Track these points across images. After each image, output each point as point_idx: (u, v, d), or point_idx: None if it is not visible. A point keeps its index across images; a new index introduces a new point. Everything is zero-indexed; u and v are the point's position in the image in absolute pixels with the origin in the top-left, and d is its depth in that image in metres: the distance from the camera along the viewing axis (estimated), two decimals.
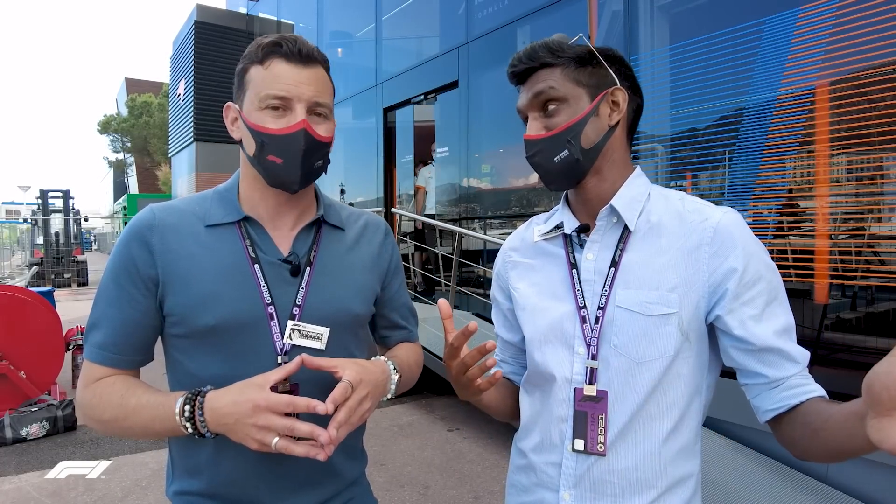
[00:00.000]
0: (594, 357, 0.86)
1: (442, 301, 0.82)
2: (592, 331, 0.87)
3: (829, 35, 2.64)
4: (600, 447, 0.85)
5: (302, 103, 0.89)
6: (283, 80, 0.88)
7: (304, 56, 0.90)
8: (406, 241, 6.60)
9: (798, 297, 2.80)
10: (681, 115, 3.33)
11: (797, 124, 2.78)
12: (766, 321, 0.81)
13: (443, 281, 5.85)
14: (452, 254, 5.12)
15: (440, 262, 6.06)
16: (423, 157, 6.77)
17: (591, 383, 0.86)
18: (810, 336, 2.75)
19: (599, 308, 0.87)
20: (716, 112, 3.16)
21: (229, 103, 0.96)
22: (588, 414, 0.86)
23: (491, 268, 1.11)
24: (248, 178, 0.97)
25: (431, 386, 4.89)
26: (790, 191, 2.86)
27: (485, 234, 5.27)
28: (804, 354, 0.82)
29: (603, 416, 0.85)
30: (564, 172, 0.88)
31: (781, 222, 2.88)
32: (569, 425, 0.88)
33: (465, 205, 5.63)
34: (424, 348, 4.28)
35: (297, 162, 0.89)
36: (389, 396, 0.97)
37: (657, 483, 0.84)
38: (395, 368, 0.98)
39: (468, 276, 5.65)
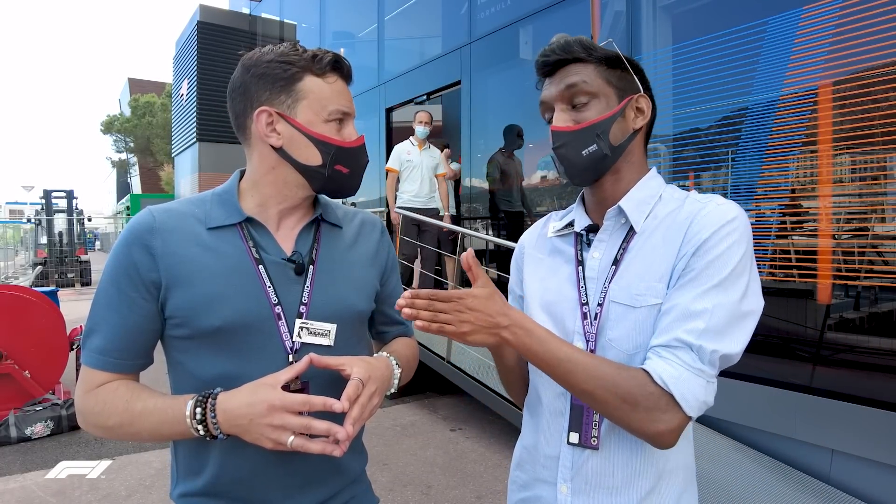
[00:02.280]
0: (592, 352, 0.88)
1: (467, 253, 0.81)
2: (592, 326, 0.89)
3: (832, 35, 2.64)
4: (594, 440, 0.87)
5: (352, 119, 0.97)
6: (345, 96, 0.96)
7: (351, 77, 0.98)
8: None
9: (801, 297, 2.79)
10: (684, 115, 3.33)
11: (800, 124, 2.77)
12: (675, 293, 0.81)
13: (446, 282, 5.85)
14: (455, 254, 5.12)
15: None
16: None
17: None
18: (813, 336, 2.75)
19: (598, 305, 0.89)
20: (719, 112, 3.16)
21: (265, 107, 0.92)
22: (584, 408, 0.88)
23: (492, 268, 1.12)
24: (275, 182, 0.96)
25: (434, 385, 4.89)
26: (793, 191, 2.85)
27: (487, 234, 5.27)
28: (666, 337, 0.79)
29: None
30: (590, 166, 0.89)
31: (784, 222, 2.88)
32: (566, 418, 0.90)
33: (468, 204, 5.64)
34: (427, 348, 4.30)
35: (360, 172, 1.00)
36: (393, 391, 0.98)
37: (651, 473, 0.86)
38: (396, 364, 1.00)
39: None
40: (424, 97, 6.38)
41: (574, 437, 0.88)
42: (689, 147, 3.33)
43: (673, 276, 0.83)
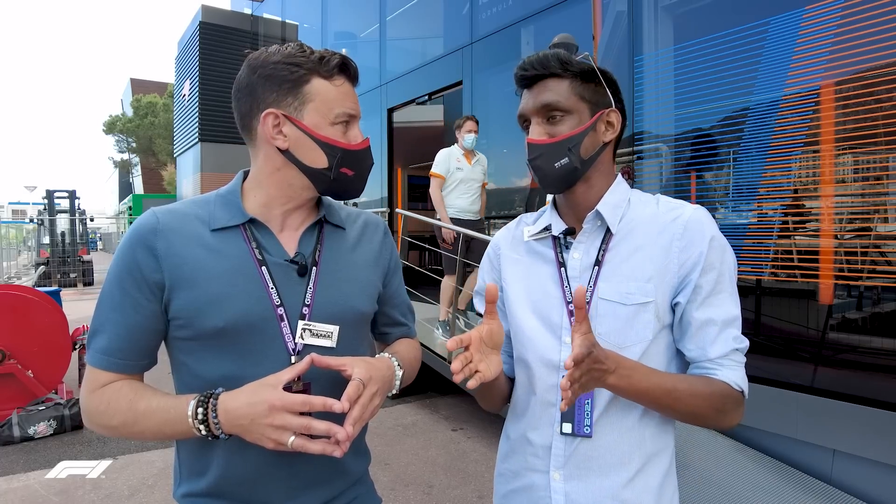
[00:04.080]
0: None
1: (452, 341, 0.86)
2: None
3: (834, 35, 2.63)
4: (586, 429, 0.92)
5: (358, 121, 0.97)
6: (351, 98, 0.96)
7: (358, 78, 0.99)
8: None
9: (803, 297, 2.79)
10: (685, 116, 3.32)
11: (802, 124, 2.77)
12: (703, 308, 0.90)
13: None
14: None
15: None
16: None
17: None
18: (815, 336, 2.75)
19: (585, 302, 0.90)
20: (721, 112, 3.16)
21: (272, 109, 0.91)
22: (577, 400, 0.92)
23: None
24: (280, 184, 0.96)
25: (435, 386, 4.90)
26: (795, 191, 2.85)
27: (489, 234, 5.26)
28: (724, 348, 0.90)
29: (589, 401, 0.93)
30: (561, 177, 0.95)
31: (787, 222, 2.88)
32: (557, 409, 0.94)
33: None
34: (428, 348, 4.29)
35: (366, 174, 1.00)
36: (395, 392, 0.99)
37: (637, 456, 0.92)
38: (398, 364, 1.00)
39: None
40: (426, 97, 6.39)
41: (567, 428, 0.93)
42: (692, 147, 3.33)
43: (683, 289, 0.91)
